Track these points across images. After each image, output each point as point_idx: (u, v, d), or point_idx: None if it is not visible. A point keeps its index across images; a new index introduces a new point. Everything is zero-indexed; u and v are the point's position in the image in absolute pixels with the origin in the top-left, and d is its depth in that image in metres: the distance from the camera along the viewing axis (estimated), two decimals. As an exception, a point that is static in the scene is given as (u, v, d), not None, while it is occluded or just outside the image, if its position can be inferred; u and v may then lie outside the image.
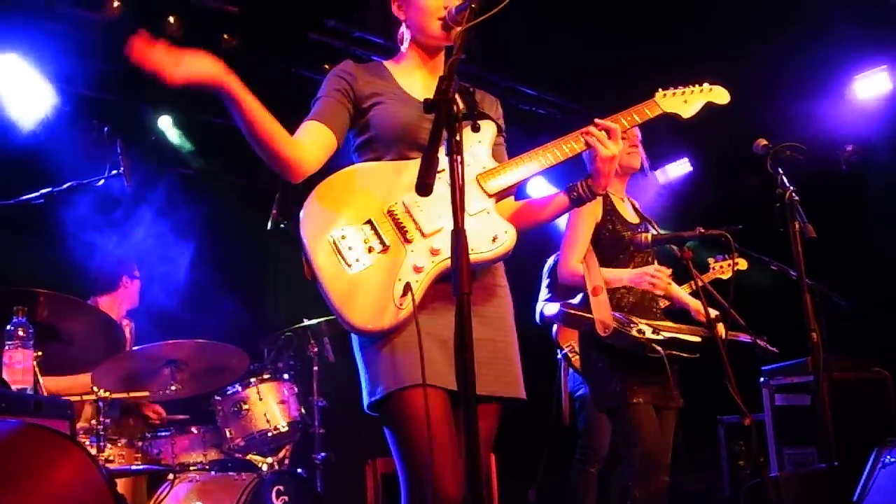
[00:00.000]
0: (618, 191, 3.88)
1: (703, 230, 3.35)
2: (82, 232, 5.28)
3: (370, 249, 2.33)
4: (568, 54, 6.07)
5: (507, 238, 2.37)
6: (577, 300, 3.66)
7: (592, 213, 3.68)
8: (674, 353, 3.48)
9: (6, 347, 3.21)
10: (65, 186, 4.11)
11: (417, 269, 2.31)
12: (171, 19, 5.59)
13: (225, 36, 5.87)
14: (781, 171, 3.48)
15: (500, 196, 2.47)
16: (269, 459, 4.65)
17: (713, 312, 3.50)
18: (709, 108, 2.84)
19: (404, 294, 2.27)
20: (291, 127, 2.49)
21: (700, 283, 3.44)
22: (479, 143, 2.49)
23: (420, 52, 2.64)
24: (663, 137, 6.90)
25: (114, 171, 4.14)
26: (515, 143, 2.68)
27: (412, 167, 2.32)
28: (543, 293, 5.46)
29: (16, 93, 5.27)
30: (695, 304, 3.75)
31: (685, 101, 2.79)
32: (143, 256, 5.33)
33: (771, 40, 6.00)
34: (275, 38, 5.97)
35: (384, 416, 2.39)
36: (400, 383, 2.30)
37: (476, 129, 1.93)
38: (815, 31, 5.95)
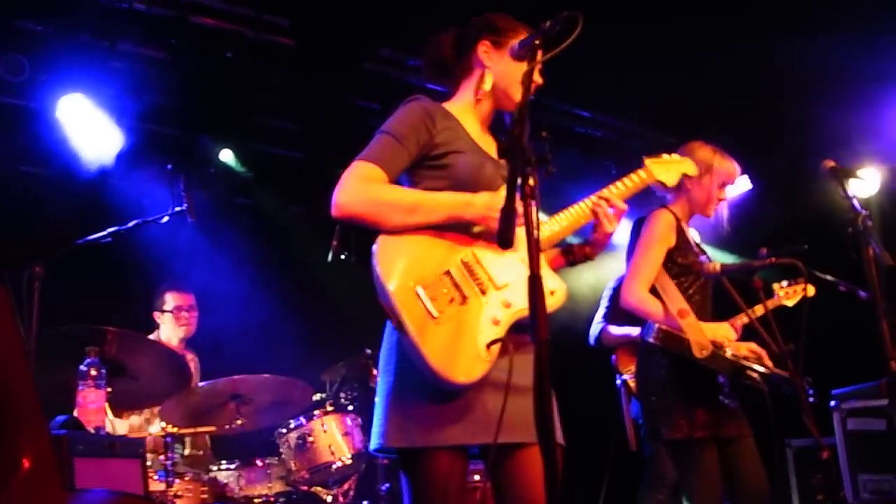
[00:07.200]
0: (685, 217, 3.67)
1: (773, 258, 3.23)
2: (145, 267, 5.36)
3: (451, 300, 2.30)
4: (622, 76, 6.01)
5: (560, 291, 2.40)
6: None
7: (666, 239, 3.51)
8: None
9: (79, 388, 3.26)
10: (130, 224, 4.15)
11: (496, 322, 2.31)
12: (229, 54, 5.67)
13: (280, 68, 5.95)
14: (852, 195, 3.38)
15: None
16: (334, 491, 4.65)
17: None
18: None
19: (489, 347, 2.26)
20: (347, 154, 2.51)
21: (756, 315, 3.31)
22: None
23: (487, 106, 2.62)
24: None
25: (178, 208, 4.17)
26: (571, 165, 2.67)
27: None
28: (599, 316, 5.38)
29: (81, 131, 5.37)
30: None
31: (667, 171, 2.85)
32: (204, 289, 5.38)
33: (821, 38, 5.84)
34: (329, 69, 6.01)
35: (405, 465, 2.37)
36: (433, 441, 2.28)
37: (550, 172, 1.90)
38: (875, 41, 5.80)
